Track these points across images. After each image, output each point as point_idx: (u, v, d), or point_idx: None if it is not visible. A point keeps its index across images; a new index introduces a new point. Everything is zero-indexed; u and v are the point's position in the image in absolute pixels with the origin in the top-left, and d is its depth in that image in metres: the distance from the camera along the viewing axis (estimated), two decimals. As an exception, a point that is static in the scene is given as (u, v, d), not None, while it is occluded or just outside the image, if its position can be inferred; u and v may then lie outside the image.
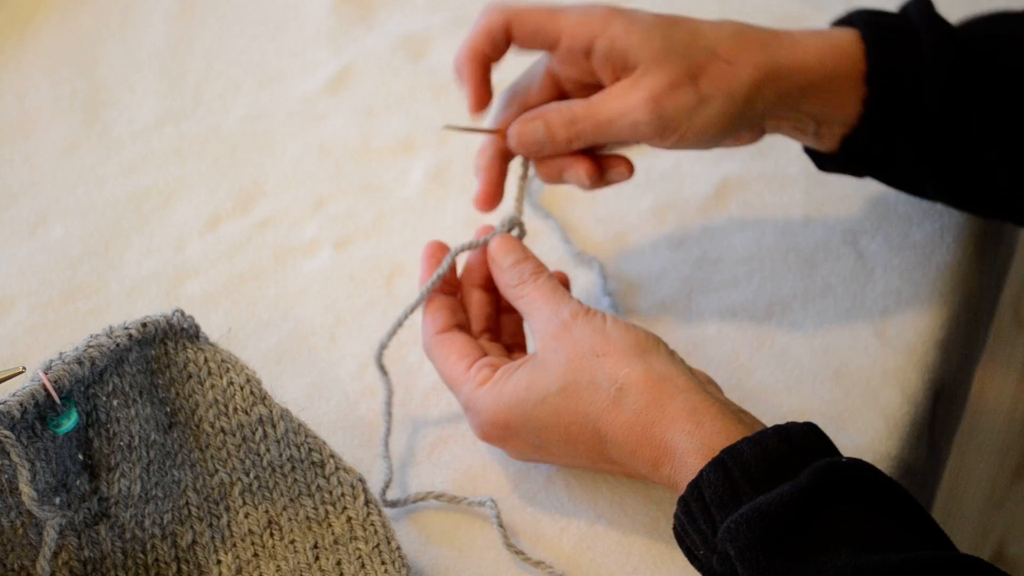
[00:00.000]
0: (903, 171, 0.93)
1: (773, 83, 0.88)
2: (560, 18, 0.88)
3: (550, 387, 0.81)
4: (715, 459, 0.75)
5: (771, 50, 0.88)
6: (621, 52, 0.86)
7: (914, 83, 0.88)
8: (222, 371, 0.81)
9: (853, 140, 0.91)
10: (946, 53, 0.88)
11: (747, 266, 1.01)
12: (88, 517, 0.79)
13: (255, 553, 0.82)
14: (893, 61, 0.89)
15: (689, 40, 0.87)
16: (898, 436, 0.92)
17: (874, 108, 0.89)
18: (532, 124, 0.89)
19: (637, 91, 0.86)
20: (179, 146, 1.11)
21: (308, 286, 1.01)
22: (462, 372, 0.85)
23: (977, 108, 0.89)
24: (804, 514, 0.72)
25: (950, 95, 0.88)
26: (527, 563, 0.85)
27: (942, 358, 0.97)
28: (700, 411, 0.78)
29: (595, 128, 0.87)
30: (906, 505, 0.74)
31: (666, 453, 0.78)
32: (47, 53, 1.19)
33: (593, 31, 0.87)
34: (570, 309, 0.83)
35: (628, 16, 0.87)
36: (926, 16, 0.90)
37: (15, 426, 0.75)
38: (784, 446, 0.75)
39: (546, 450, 0.84)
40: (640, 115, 0.86)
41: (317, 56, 1.18)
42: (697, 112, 0.86)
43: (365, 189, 1.08)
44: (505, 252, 0.88)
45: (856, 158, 0.93)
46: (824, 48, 0.89)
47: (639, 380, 0.80)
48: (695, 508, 0.75)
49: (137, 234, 1.05)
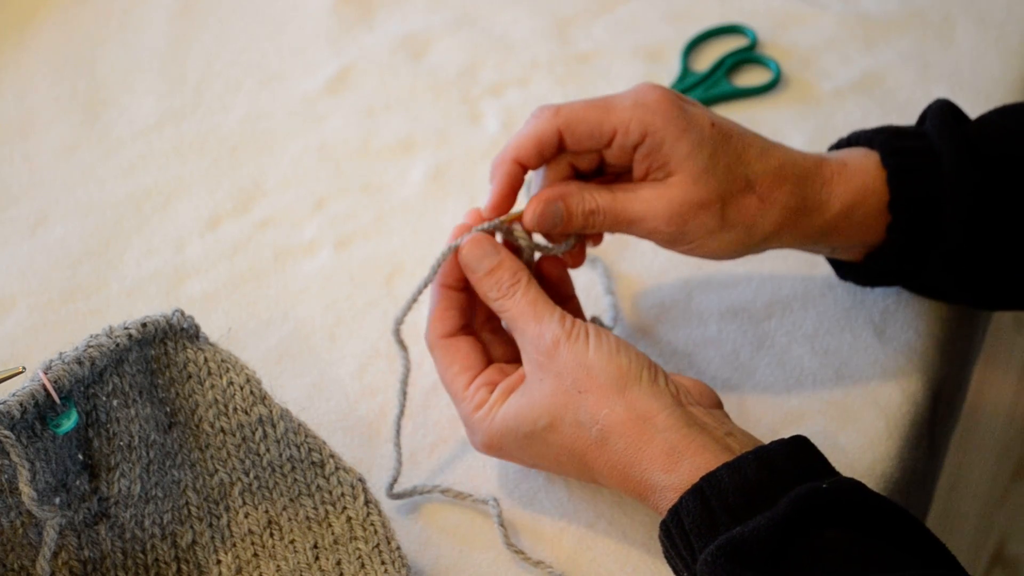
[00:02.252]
0: (928, 282, 0.93)
1: (796, 225, 0.87)
2: (613, 115, 0.85)
3: (537, 421, 0.82)
4: (694, 487, 0.75)
5: (803, 191, 0.87)
6: (666, 155, 0.85)
7: (936, 207, 0.88)
8: (222, 371, 0.81)
9: (876, 258, 0.91)
10: (967, 174, 0.87)
11: (747, 266, 1.01)
12: (88, 517, 0.79)
13: (255, 553, 0.82)
14: (914, 189, 0.88)
15: (732, 164, 0.85)
16: (898, 436, 0.92)
17: (897, 233, 0.89)
18: (553, 207, 0.86)
19: (665, 201, 0.85)
20: (179, 146, 1.11)
21: (308, 286, 1.01)
22: (461, 389, 0.86)
23: (1000, 224, 0.88)
24: (781, 543, 0.72)
25: (973, 216, 0.88)
26: (527, 562, 0.85)
27: (942, 358, 0.97)
28: (680, 450, 0.78)
29: (613, 223, 0.87)
30: (898, 520, 0.73)
31: (648, 489, 0.79)
32: (47, 53, 1.19)
33: (647, 128, 0.85)
34: (552, 334, 0.82)
35: (684, 118, 0.85)
36: (944, 132, 0.89)
37: (15, 426, 0.75)
38: (764, 473, 0.74)
39: (540, 467, 0.86)
40: (661, 225, 0.85)
41: (317, 56, 1.18)
42: (715, 236, 0.86)
43: (365, 189, 1.08)
44: (477, 258, 0.86)
45: (878, 273, 0.93)
46: (848, 188, 0.88)
47: (619, 422, 0.80)
48: (676, 535, 0.76)
49: (137, 234, 1.05)
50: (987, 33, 1.17)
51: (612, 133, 0.85)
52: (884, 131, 0.90)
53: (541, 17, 1.21)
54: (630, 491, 0.81)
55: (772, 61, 1.15)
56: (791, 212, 0.87)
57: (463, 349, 0.86)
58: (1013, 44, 1.16)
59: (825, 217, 0.88)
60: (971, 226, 0.88)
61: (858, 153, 0.90)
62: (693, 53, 1.17)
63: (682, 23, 1.19)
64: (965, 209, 0.87)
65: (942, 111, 0.90)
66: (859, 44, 1.17)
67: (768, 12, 1.19)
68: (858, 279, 0.95)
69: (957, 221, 0.87)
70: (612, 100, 0.86)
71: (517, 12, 1.21)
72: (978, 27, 1.17)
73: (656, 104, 0.85)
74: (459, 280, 0.87)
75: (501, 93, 1.14)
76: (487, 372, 0.86)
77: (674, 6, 1.21)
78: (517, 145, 0.86)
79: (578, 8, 1.21)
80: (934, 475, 1.05)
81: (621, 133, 0.85)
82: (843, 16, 1.19)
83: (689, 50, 1.16)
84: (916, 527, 0.74)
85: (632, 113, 0.85)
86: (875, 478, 0.89)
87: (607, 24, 1.20)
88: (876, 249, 0.90)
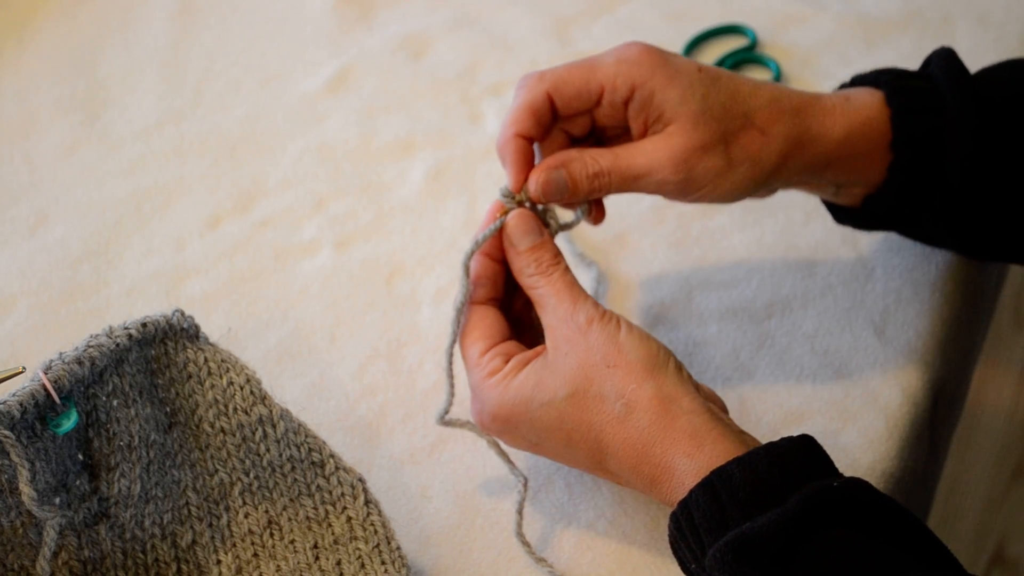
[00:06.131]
0: (924, 228, 0.93)
1: (800, 155, 0.87)
2: (599, 72, 0.85)
3: (557, 392, 0.81)
4: (704, 481, 0.75)
5: (802, 120, 0.87)
6: (658, 106, 0.85)
7: (938, 151, 0.88)
8: (222, 371, 0.81)
9: (875, 200, 0.91)
10: (969, 118, 0.87)
11: (747, 266, 1.01)
12: (88, 517, 0.79)
13: (255, 553, 0.82)
14: (918, 128, 0.88)
15: (727, 103, 0.85)
16: (898, 436, 0.92)
17: (899, 172, 0.89)
18: (555, 174, 0.86)
19: (668, 150, 0.85)
20: (179, 146, 1.11)
21: (308, 286, 1.01)
22: (476, 356, 0.85)
23: (1001, 172, 0.88)
24: (791, 541, 0.72)
25: (974, 157, 0.88)
26: (531, 556, 0.85)
27: (942, 358, 0.97)
28: (702, 434, 0.78)
29: (620, 182, 0.86)
30: (903, 522, 0.73)
31: (665, 472, 0.78)
32: (47, 53, 1.19)
33: (634, 81, 0.85)
34: (586, 314, 0.82)
35: (670, 66, 0.85)
36: (950, 76, 0.89)
37: (15, 426, 0.75)
38: (775, 469, 0.74)
39: (544, 448, 0.84)
40: (668, 175, 0.85)
41: (317, 56, 1.18)
42: (724, 176, 0.86)
43: (365, 189, 1.08)
44: (523, 232, 0.85)
45: (876, 216, 0.93)
46: (852, 119, 0.88)
47: (646, 398, 0.79)
48: (686, 528, 0.76)
49: (137, 234, 1.05)
50: (987, 33, 1.17)
51: (599, 91, 0.85)
52: (889, 72, 0.91)
53: (541, 17, 1.21)
54: (643, 475, 0.80)
55: (772, 61, 1.15)
56: (793, 142, 0.87)
57: (487, 318, 0.86)
58: (1013, 44, 1.16)
59: (827, 147, 0.87)
60: (972, 167, 0.87)
61: (862, 91, 0.90)
62: (693, 53, 1.17)
63: (682, 23, 1.19)
64: (968, 148, 0.87)
65: (948, 56, 0.90)
66: (859, 44, 1.17)
67: (768, 12, 1.19)
68: (855, 223, 0.95)
69: (958, 160, 0.87)
70: (595, 59, 0.86)
71: (517, 12, 1.21)
72: (978, 27, 1.17)
73: (638, 57, 0.85)
74: (498, 251, 0.87)
75: (501, 93, 1.14)
76: (504, 344, 0.85)
77: (674, 6, 1.21)
78: (513, 120, 0.86)
79: (578, 8, 1.21)
80: (934, 475, 1.05)
81: (608, 90, 0.85)
82: (843, 16, 1.19)
83: (689, 50, 1.16)
84: (920, 529, 0.74)
85: (616, 68, 0.85)
86: (875, 478, 0.89)
87: (607, 24, 1.20)
88: (876, 191, 0.90)
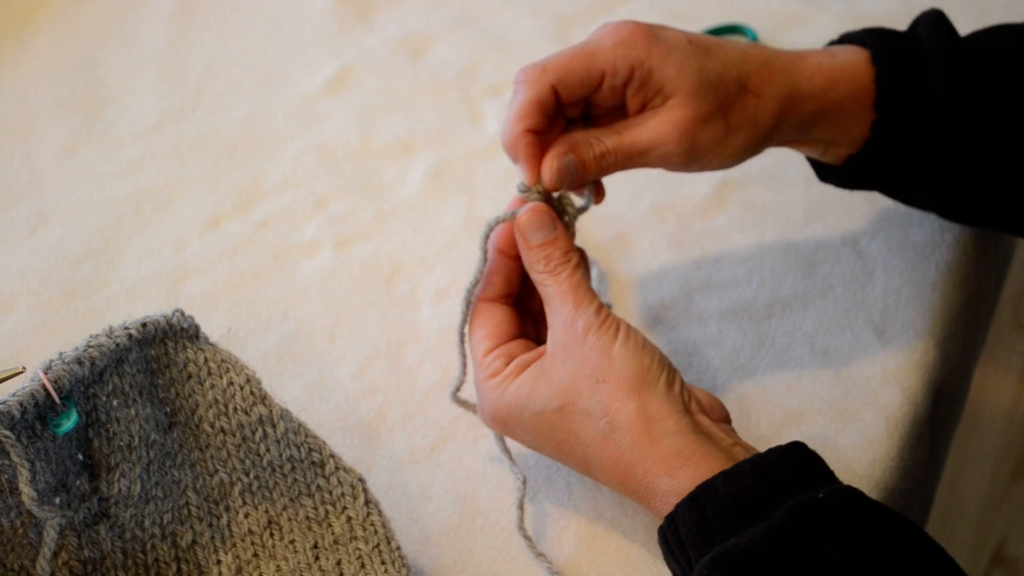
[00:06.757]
0: (905, 188, 0.94)
1: (793, 113, 0.89)
2: (598, 57, 0.86)
3: (548, 403, 0.82)
4: (690, 495, 0.75)
5: (792, 78, 0.89)
6: (657, 82, 0.86)
7: (921, 112, 0.89)
8: (222, 371, 0.81)
9: (858, 159, 0.92)
10: (953, 80, 0.89)
11: (747, 266, 1.01)
12: (88, 517, 0.79)
13: (255, 553, 0.82)
14: (901, 89, 0.89)
15: (721, 72, 0.87)
16: (898, 436, 0.92)
17: (881, 132, 0.90)
18: (566, 159, 0.86)
19: (671, 123, 0.86)
20: (179, 146, 1.11)
21: (308, 286, 1.01)
22: (480, 355, 0.86)
23: (982, 134, 0.89)
24: (778, 554, 0.71)
25: (955, 125, 0.89)
26: (532, 551, 0.85)
27: (942, 358, 0.97)
28: (686, 455, 0.78)
29: (626, 159, 0.87)
30: (899, 527, 0.73)
31: (648, 491, 0.79)
32: (47, 53, 1.19)
33: (632, 62, 0.86)
34: (585, 321, 0.82)
35: (664, 42, 0.87)
36: (936, 37, 0.90)
37: (15, 426, 0.75)
38: (760, 481, 0.74)
39: (539, 450, 0.86)
40: (672, 147, 0.86)
41: (317, 56, 1.18)
42: (725, 143, 0.87)
43: (365, 189, 1.08)
44: (535, 228, 0.86)
45: (859, 175, 0.93)
46: (836, 73, 0.89)
47: (629, 419, 0.80)
48: (673, 543, 0.76)
49: (137, 234, 1.05)
50: (987, 33, 1.17)
51: (601, 76, 0.86)
52: (876, 32, 0.92)
53: (541, 17, 1.21)
54: (629, 492, 0.81)
55: (772, 61, 1.15)
56: (785, 100, 0.88)
57: (496, 317, 0.87)
58: (1013, 44, 1.16)
59: (817, 104, 0.89)
60: (953, 129, 0.89)
61: (849, 48, 0.91)
62: (693, 53, 1.17)
63: (682, 23, 1.18)
64: (950, 110, 0.88)
65: (937, 18, 0.92)
66: (859, 44, 1.17)
67: (768, 12, 1.19)
68: (838, 181, 0.95)
69: (940, 121, 0.89)
70: (591, 45, 0.87)
71: (517, 12, 1.21)
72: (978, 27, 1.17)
73: (632, 38, 0.86)
74: (513, 247, 0.87)
75: (501, 93, 1.14)
76: (510, 344, 0.86)
77: (674, 6, 1.21)
78: (521, 116, 0.86)
79: (578, 8, 1.21)
80: (934, 475, 1.05)
81: (609, 74, 0.86)
82: (843, 16, 1.19)
83: (689, 50, 1.16)
84: (916, 533, 0.73)
85: (615, 52, 0.86)
86: (875, 478, 0.89)
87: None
88: (859, 151, 0.91)
